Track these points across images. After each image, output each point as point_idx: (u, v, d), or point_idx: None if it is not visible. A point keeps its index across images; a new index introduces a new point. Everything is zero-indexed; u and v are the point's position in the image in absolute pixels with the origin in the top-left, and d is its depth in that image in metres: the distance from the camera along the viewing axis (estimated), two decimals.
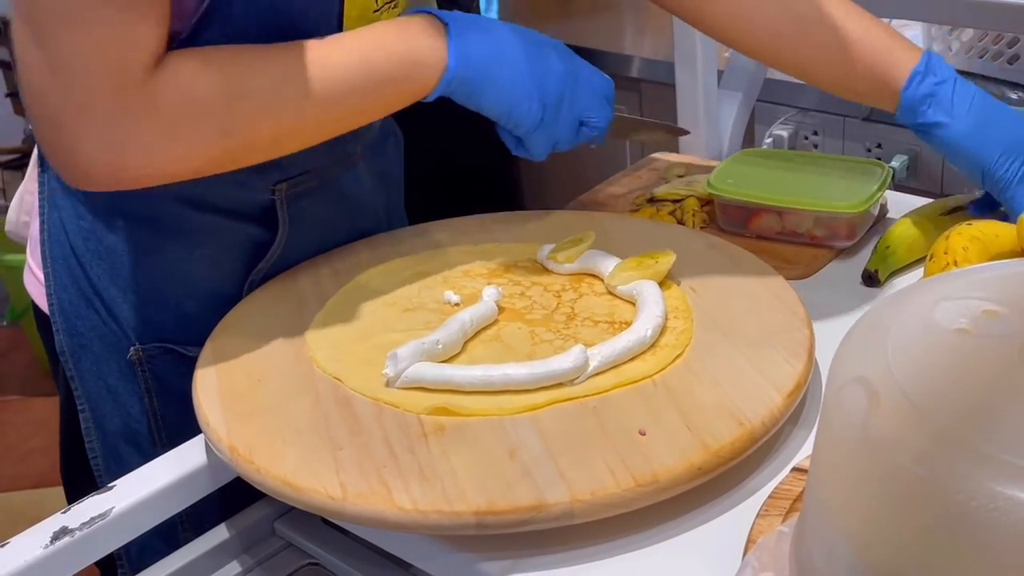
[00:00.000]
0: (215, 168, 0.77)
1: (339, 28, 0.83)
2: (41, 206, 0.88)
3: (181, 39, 0.75)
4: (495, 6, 2.05)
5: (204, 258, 0.88)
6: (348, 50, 0.79)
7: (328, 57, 0.77)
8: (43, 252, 0.88)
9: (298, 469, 0.67)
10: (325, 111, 0.78)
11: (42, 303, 0.91)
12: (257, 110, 0.75)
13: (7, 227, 1.00)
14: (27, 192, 0.96)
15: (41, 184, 0.88)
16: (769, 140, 1.58)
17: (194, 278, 0.88)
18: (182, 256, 0.87)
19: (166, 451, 0.77)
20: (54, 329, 0.89)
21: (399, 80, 0.80)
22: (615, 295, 0.84)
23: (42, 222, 0.88)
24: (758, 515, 0.64)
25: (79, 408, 0.90)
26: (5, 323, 2.55)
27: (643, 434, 0.67)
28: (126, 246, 0.86)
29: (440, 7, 1.00)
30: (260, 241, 0.90)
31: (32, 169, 0.94)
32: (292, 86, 0.76)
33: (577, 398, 0.71)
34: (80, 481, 0.92)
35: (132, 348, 0.88)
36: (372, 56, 0.79)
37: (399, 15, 0.89)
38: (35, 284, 0.92)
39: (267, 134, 0.77)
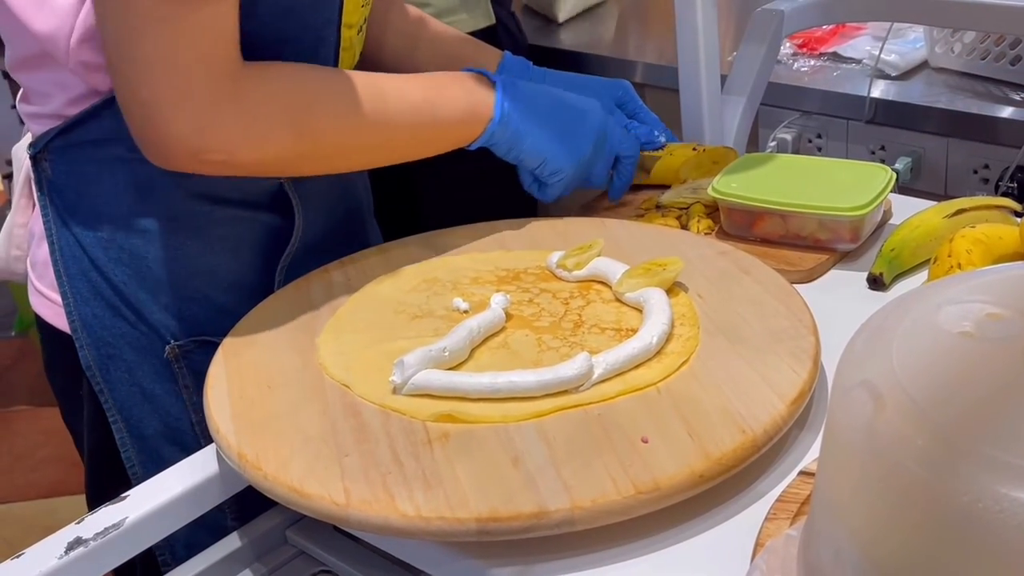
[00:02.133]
0: (280, 168, 0.85)
1: (339, 23, 0.88)
2: (48, 228, 0.90)
3: None
4: None
5: (225, 250, 0.91)
6: (414, 87, 0.88)
7: (397, 89, 0.86)
8: (57, 272, 0.90)
9: (305, 476, 0.67)
10: (386, 137, 0.87)
11: (59, 324, 0.91)
12: (329, 120, 0.83)
13: None
14: (16, 226, 0.97)
15: (43, 207, 0.90)
16: (773, 144, 1.59)
17: (218, 270, 0.91)
18: (204, 250, 0.90)
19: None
20: (78, 345, 0.90)
21: (452, 124, 0.90)
22: (623, 302, 0.84)
23: (51, 243, 0.90)
24: (766, 519, 0.64)
25: (111, 420, 0.91)
26: (13, 333, 2.56)
27: (646, 441, 0.68)
28: (149, 248, 0.89)
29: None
30: (274, 228, 0.94)
31: (20, 200, 0.95)
32: (364, 107, 0.84)
33: (582, 405, 0.72)
34: (111, 496, 0.93)
35: (167, 347, 0.90)
36: (434, 96, 0.90)
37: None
38: (49, 306, 0.93)
39: (333, 145, 0.85)
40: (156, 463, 0.91)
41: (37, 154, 0.89)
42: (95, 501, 1.02)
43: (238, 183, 0.88)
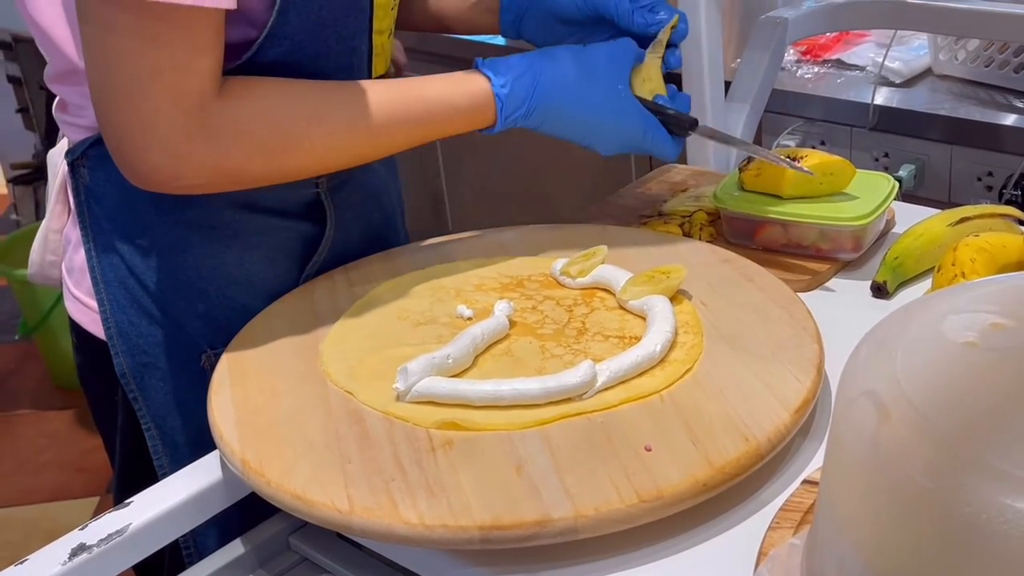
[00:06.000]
0: (265, 183, 0.84)
1: (370, 31, 0.89)
2: (84, 234, 0.90)
3: (248, 56, 0.81)
4: None
5: (261, 258, 0.92)
6: (404, 97, 0.86)
7: (386, 103, 0.84)
8: (94, 278, 0.90)
9: (308, 483, 0.67)
10: (372, 148, 0.86)
11: (95, 330, 0.92)
12: (305, 152, 0.82)
13: (31, 270, 0.99)
14: (51, 231, 0.96)
15: (80, 214, 0.90)
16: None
17: (254, 278, 0.92)
18: (242, 258, 0.91)
19: None
20: (113, 353, 0.90)
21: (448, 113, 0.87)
22: (627, 310, 0.84)
23: (88, 249, 0.90)
24: (769, 527, 0.64)
25: (144, 428, 0.91)
26: (16, 338, 2.57)
27: (649, 450, 0.68)
28: (187, 256, 0.90)
29: None
30: (308, 236, 0.95)
31: (56, 206, 0.95)
32: (345, 127, 0.83)
33: (585, 413, 0.72)
34: None
35: (203, 355, 0.90)
36: (427, 95, 0.86)
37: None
38: (85, 312, 0.93)
39: (312, 167, 0.85)
40: None
41: (75, 160, 0.89)
42: None
43: (275, 192, 0.88)
